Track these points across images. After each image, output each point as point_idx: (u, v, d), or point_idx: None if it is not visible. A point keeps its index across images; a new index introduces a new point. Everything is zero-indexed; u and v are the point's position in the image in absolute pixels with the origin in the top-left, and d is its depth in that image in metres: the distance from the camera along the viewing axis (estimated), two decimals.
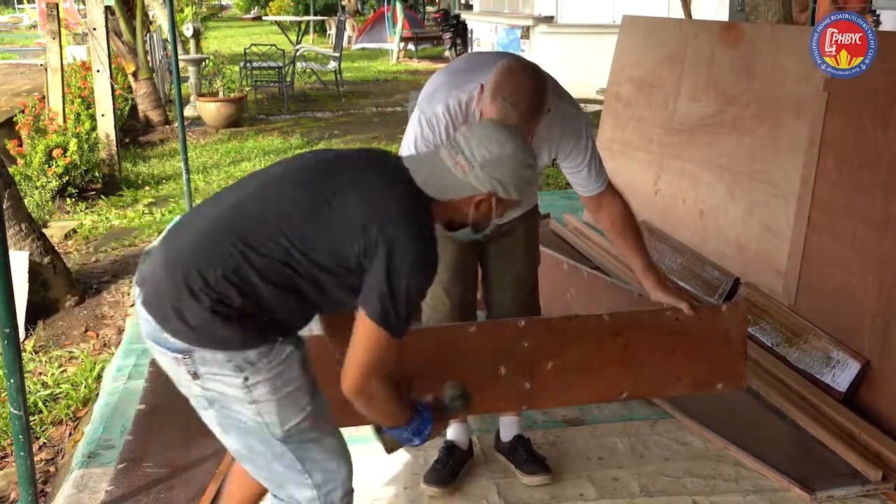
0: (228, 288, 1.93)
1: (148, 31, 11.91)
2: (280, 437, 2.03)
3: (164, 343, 1.99)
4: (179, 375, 2.04)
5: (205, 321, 1.93)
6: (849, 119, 3.73)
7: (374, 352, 2.00)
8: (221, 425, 2.08)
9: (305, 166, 2.12)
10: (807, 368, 3.71)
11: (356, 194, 1.99)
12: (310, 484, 2.09)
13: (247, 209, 2.02)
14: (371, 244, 1.94)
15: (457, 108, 2.64)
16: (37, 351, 4.43)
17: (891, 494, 2.95)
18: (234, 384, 1.97)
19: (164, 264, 2.01)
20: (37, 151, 7.05)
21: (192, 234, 2.02)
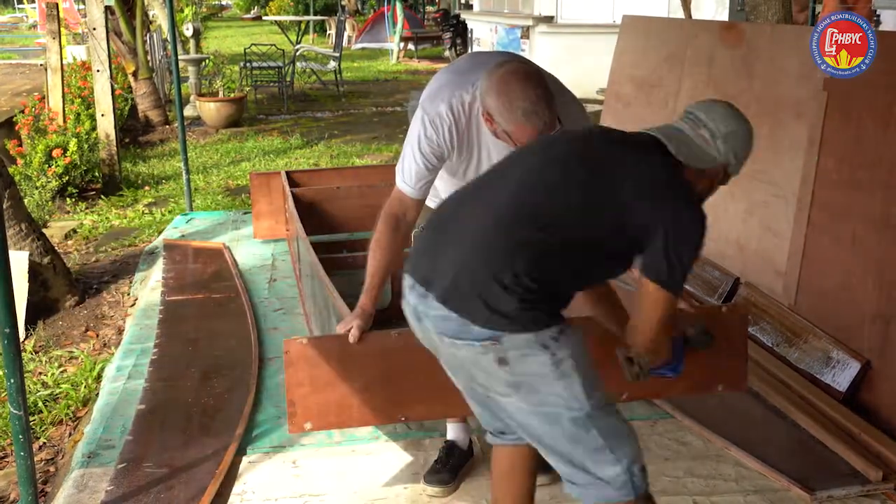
0: (533, 273, 2.04)
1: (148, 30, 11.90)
2: (588, 410, 2.09)
3: (469, 335, 2.06)
4: (483, 365, 2.09)
5: (515, 308, 2.03)
6: (849, 119, 3.73)
7: (664, 312, 2.16)
8: (525, 410, 2.12)
9: (575, 149, 2.23)
10: (807, 368, 3.71)
11: (635, 172, 2.14)
12: (613, 459, 2.11)
13: (531, 198, 2.13)
14: (655, 219, 2.08)
15: (459, 107, 2.64)
16: (37, 351, 4.43)
17: (891, 494, 2.95)
18: (542, 362, 2.05)
19: (460, 260, 2.09)
20: (37, 151, 7.05)
21: (480, 227, 2.11)
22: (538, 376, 2.07)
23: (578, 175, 2.15)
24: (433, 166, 2.68)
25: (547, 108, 2.42)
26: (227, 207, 7.03)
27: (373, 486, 3.03)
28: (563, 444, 2.13)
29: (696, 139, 2.21)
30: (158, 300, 4.81)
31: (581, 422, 2.09)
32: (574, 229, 2.10)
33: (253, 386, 3.74)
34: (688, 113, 2.27)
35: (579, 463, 2.14)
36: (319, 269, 3.72)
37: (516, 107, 2.41)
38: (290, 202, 5.05)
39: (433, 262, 2.15)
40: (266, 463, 3.20)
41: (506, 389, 2.11)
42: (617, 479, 2.12)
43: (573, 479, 2.17)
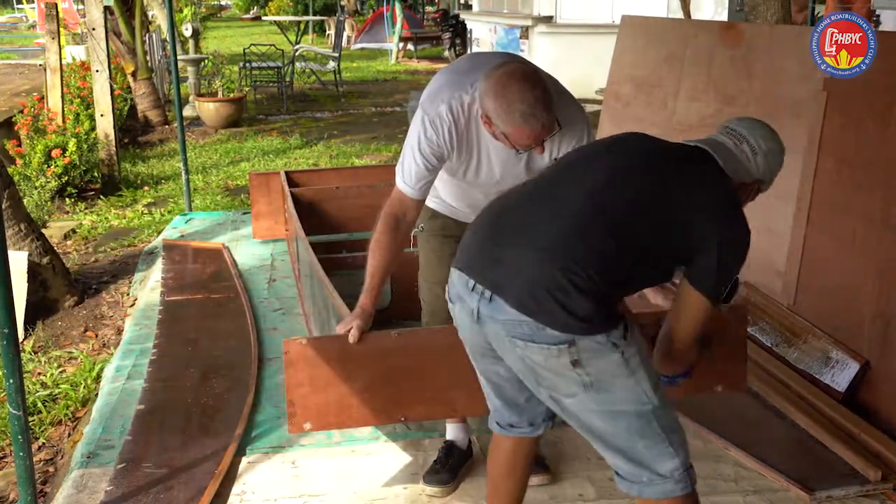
0: (606, 278, 2.09)
1: (147, 31, 11.90)
2: (655, 404, 2.14)
3: (543, 339, 2.09)
4: (556, 367, 2.12)
5: (590, 312, 2.07)
6: (848, 119, 3.73)
7: (702, 320, 2.25)
8: (590, 409, 2.17)
9: (642, 160, 2.28)
10: (806, 368, 3.71)
11: (696, 182, 2.21)
12: (671, 453, 2.17)
13: (608, 206, 2.17)
14: (710, 232, 2.15)
15: (459, 108, 2.63)
16: (36, 351, 4.43)
17: (890, 494, 2.95)
18: (614, 360, 2.10)
19: (534, 263, 2.11)
20: (36, 151, 7.05)
21: (550, 231, 2.14)
22: (610, 375, 2.12)
23: (650, 187, 2.20)
24: (433, 167, 2.68)
25: (545, 111, 2.41)
26: (227, 207, 7.03)
27: (372, 487, 3.03)
28: (625, 440, 2.18)
29: (739, 154, 2.28)
30: (158, 300, 4.81)
31: (646, 416, 2.15)
32: (645, 238, 2.16)
33: (252, 386, 3.74)
34: (728, 128, 2.33)
35: (638, 458, 2.18)
36: (319, 270, 3.71)
37: (514, 109, 2.40)
38: (289, 202, 5.05)
39: (498, 264, 2.16)
40: (265, 463, 3.20)
41: (576, 389, 2.15)
42: (675, 473, 2.17)
43: (629, 475, 2.21)
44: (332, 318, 3.39)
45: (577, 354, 2.09)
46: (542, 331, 2.08)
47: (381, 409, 2.67)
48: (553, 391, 2.20)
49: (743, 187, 2.31)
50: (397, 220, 2.69)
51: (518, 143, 2.48)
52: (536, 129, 2.42)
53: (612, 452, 2.22)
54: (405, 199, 2.70)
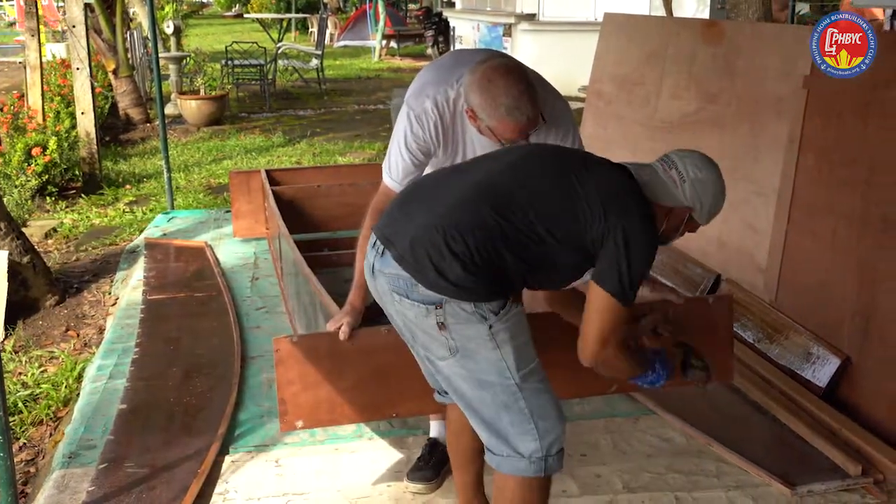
0: (482, 250, 2.15)
1: (128, 28, 11.83)
2: (517, 380, 2.22)
3: (415, 296, 2.20)
4: (425, 326, 2.23)
5: (459, 278, 2.15)
6: (828, 117, 3.76)
7: (611, 321, 2.21)
8: (459, 374, 2.26)
9: (548, 154, 2.37)
10: (787, 364, 3.73)
11: (601, 182, 2.23)
12: (534, 434, 2.23)
13: (500, 184, 2.24)
14: (609, 229, 2.16)
15: (444, 104, 2.66)
16: (16, 351, 4.40)
17: (870, 488, 2.98)
18: (479, 331, 2.19)
19: (422, 225, 2.21)
20: (16, 150, 6.99)
21: (446, 201, 2.23)
22: (474, 343, 2.21)
23: (551, 173, 2.25)
24: (419, 162, 2.72)
25: (530, 104, 2.44)
26: (209, 206, 7.00)
27: (356, 485, 3.03)
28: (490, 411, 2.26)
29: (665, 178, 2.30)
30: (140, 299, 4.78)
31: (511, 391, 2.23)
32: (533, 223, 2.18)
33: (235, 385, 3.73)
34: (664, 157, 2.36)
35: (503, 432, 2.26)
36: (304, 267, 3.71)
37: (500, 103, 2.43)
38: (270, 201, 5.04)
39: (397, 224, 2.28)
40: (249, 462, 3.19)
41: (444, 352, 2.25)
42: (533, 455, 2.24)
43: (493, 448, 2.29)
44: (319, 316, 3.39)
45: (444, 317, 2.20)
46: (415, 287, 2.19)
47: (373, 405, 2.68)
48: (427, 351, 2.31)
49: (670, 214, 2.31)
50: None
51: (503, 137, 2.50)
52: (521, 122, 2.45)
53: (479, 422, 2.30)
54: (391, 194, 2.71)
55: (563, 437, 2.28)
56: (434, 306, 2.19)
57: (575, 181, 2.22)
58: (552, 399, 2.29)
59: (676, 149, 2.40)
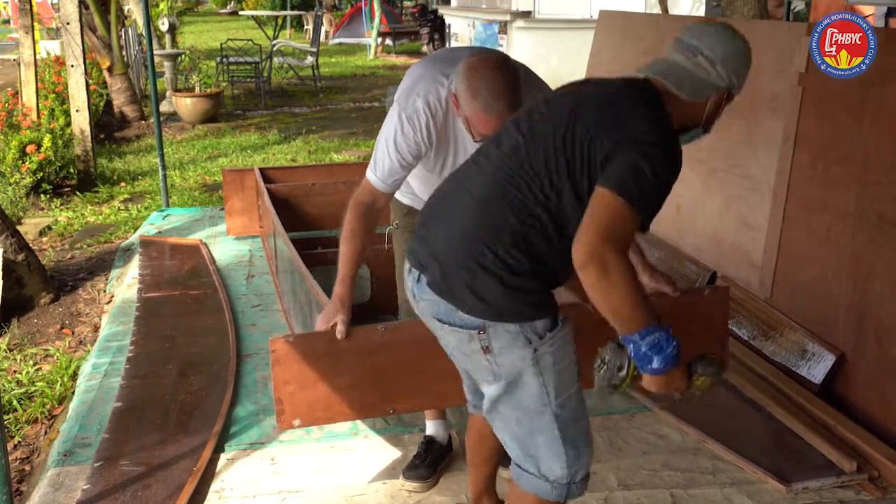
0: (513, 252, 2.02)
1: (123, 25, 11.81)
2: (555, 408, 2.12)
3: (457, 321, 2.09)
4: (467, 351, 2.14)
5: (499, 296, 2.02)
6: (823, 114, 3.76)
7: (611, 218, 1.92)
8: (500, 398, 2.16)
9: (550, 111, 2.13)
10: (783, 361, 3.74)
11: (604, 111, 2.04)
12: (563, 462, 2.15)
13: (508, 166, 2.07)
14: (620, 147, 1.96)
15: (437, 102, 2.61)
16: (11, 349, 4.39)
17: (865, 485, 2.99)
18: (523, 356, 2.07)
19: (447, 247, 2.10)
20: (10, 147, 6.98)
21: (463, 214, 2.10)
22: (517, 368, 2.10)
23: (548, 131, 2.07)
24: (407, 164, 2.65)
25: (507, 102, 2.37)
26: (204, 204, 6.99)
27: (352, 482, 3.03)
28: (524, 432, 2.17)
29: (695, 69, 2.10)
30: (135, 297, 4.78)
31: (547, 418, 2.14)
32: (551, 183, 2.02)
33: (231, 383, 3.73)
34: (680, 42, 2.15)
35: (532, 452, 2.18)
36: (300, 265, 3.70)
37: (479, 94, 2.38)
38: (265, 198, 5.04)
39: (426, 247, 2.16)
40: (244, 460, 3.19)
41: (489, 377, 2.16)
42: (558, 482, 2.17)
43: (520, 463, 2.21)
44: (314, 313, 3.38)
45: (488, 341, 2.07)
46: (456, 313, 2.08)
47: (370, 402, 2.67)
48: (472, 374, 2.25)
49: (698, 105, 2.13)
50: (367, 207, 2.68)
51: (477, 130, 2.45)
52: (493, 118, 2.38)
53: (511, 438, 2.21)
54: (375, 192, 2.68)
55: (590, 464, 2.21)
56: (477, 331, 2.07)
57: (573, 120, 2.03)
58: (586, 427, 2.21)
59: (686, 27, 2.18)
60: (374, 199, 2.69)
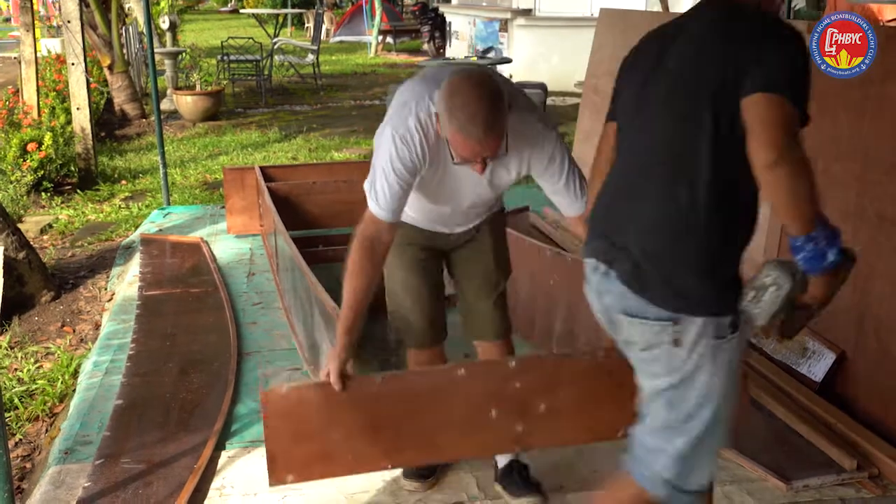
0: (717, 188, 2.01)
1: (123, 23, 11.82)
2: (720, 411, 2.05)
3: (647, 314, 2.02)
4: (656, 342, 2.04)
5: (693, 287, 2.00)
6: (823, 113, 3.76)
7: (780, 114, 1.90)
8: (663, 392, 2.08)
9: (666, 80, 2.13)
10: (783, 359, 3.74)
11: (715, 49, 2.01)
12: (707, 472, 2.10)
13: (665, 139, 2.04)
14: (749, 63, 1.91)
15: (427, 119, 2.51)
16: (12, 347, 4.39)
17: (866, 483, 2.99)
18: (708, 351, 2.01)
19: (638, 237, 2.04)
20: (11, 145, 6.98)
21: (643, 201, 2.05)
22: (703, 362, 2.03)
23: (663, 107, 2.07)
24: (407, 185, 2.54)
25: (484, 126, 2.29)
26: (205, 202, 6.99)
27: (353, 480, 3.03)
28: (681, 440, 2.08)
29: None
30: (136, 295, 4.78)
31: (714, 421, 2.06)
32: (716, 164, 2.00)
33: (231, 381, 3.73)
34: None
35: (679, 463, 2.09)
36: (301, 262, 3.71)
37: (455, 115, 2.31)
38: (266, 197, 5.04)
39: (611, 240, 2.11)
40: (245, 457, 3.19)
41: (664, 369, 2.07)
42: (670, 481, 2.09)
43: (644, 455, 2.14)
44: (315, 311, 3.39)
45: (681, 334, 2.01)
46: (647, 306, 2.03)
47: (367, 456, 2.50)
48: (643, 368, 2.15)
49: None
50: (373, 243, 2.51)
51: (456, 152, 2.39)
52: (470, 141, 2.31)
53: (666, 444, 2.10)
54: (380, 223, 2.54)
55: (711, 476, 2.16)
56: (671, 322, 2.01)
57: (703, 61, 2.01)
58: (723, 438, 2.13)
59: None
60: (379, 233, 2.52)
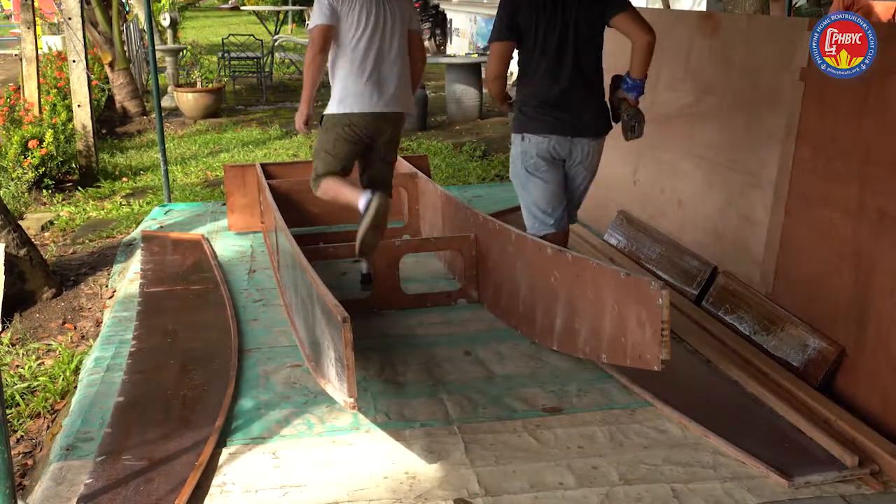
0: (600, 74, 4.09)
1: (124, 20, 11.81)
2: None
3: (599, 137, 4.00)
4: (601, 151, 4.05)
5: (606, 116, 4.01)
6: (825, 109, 3.76)
7: (639, 15, 3.89)
8: (591, 177, 4.24)
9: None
10: (784, 356, 3.74)
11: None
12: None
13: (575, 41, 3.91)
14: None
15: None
16: (13, 343, 4.40)
17: (867, 479, 2.99)
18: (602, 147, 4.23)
19: (586, 107, 3.92)
20: (12, 143, 6.99)
21: (576, 82, 3.92)
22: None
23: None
24: (332, 9, 4.19)
25: None
26: (206, 199, 6.99)
27: (353, 476, 3.04)
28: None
29: None
30: (137, 292, 4.78)
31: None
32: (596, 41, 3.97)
33: (232, 377, 3.73)
34: None
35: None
36: (302, 259, 3.71)
37: None
38: (267, 194, 5.04)
39: (574, 119, 3.83)
40: (246, 454, 3.19)
41: (594, 166, 4.00)
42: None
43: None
44: (316, 308, 3.39)
45: (602, 144, 3.95)
46: (600, 136, 3.93)
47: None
48: (590, 175, 4.00)
49: None
50: (322, 45, 4.28)
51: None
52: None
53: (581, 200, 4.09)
54: (322, 28, 4.17)
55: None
56: (601, 138, 3.94)
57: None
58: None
59: None
60: (322, 33, 4.21)
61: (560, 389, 3.63)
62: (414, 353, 4.02)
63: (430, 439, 3.26)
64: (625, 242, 5.13)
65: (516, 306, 4.13)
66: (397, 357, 3.97)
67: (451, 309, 4.54)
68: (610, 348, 3.33)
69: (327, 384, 3.26)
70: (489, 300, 4.47)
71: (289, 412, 3.47)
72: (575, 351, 3.63)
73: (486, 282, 4.48)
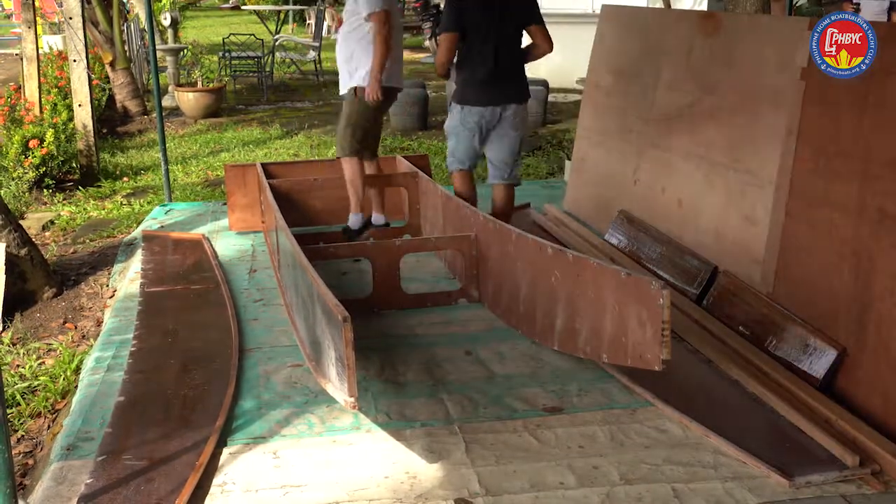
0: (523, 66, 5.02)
1: (125, 20, 11.81)
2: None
3: (523, 103, 4.93)
4: (524, 116, 4.99)
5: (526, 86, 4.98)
6: (825, 108, 3.76)
7: (547, 33, 4.98)
8: (520, 136, 5.30)
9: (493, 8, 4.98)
10: (784, 356, 3.74)
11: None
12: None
13: (504, 35, 4.86)
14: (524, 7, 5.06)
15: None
16: (14, 343, 4.40)
17: (868, 479, 2.99)
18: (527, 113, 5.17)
19: (512, 80, 4.89)
20: (13, 142, 6.98)
21: (502, 61, 4.85)
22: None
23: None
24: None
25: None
26: (207, 198, 6.99)
27: (353, 476, 3.04)
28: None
29: None
30: (137, 291, 4.78)
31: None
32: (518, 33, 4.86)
33: (233, 377, 3.73)
34: None
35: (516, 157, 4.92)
36: (303, 259, 3.71)
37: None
38: (268, 194, 5.04)
39: (500, 92, 4.74)
40: (247, 454, 3.19)
41: (521, 131, 4.84)
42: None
43: (515, 169, 4.95)
44: (316, 308, 3.39)
45: (526, 109, 4.91)
46: (524, 102, 4.87)
47: None
48: (518, 136, 4.84)
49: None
50: (391, 26, 4.88)
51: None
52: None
53: (516, 157, 4.91)
54: (387, 12, 4.81)
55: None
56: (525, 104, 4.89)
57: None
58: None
59: None
60: (388, 17, 4.83)
61: (561, 389, 3.63)
62: (414, 352, 4.02)
63: (431, 439, 3.26)
64: (625, 242, 5.13)
65: (517, 306, 4.13)
66: (398, 357, 3.97)
67: (452, 309, 4.54)
68: (611, 348, 3.33)
69: (328, 384, 3.26)
70: (490, 300, 4.47)
71: (289, 412, 3.47)
72: (575, 351, 3.63)
73: (487, 281, 4.48)
